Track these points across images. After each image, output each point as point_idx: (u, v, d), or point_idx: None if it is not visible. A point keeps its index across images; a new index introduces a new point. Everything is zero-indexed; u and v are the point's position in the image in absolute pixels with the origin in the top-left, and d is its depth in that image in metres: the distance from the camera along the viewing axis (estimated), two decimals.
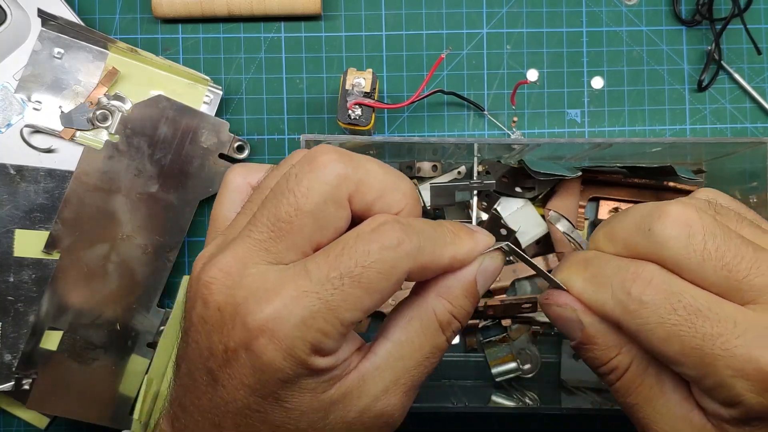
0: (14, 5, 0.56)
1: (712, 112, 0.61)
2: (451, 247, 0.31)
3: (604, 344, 0.31)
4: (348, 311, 0.28)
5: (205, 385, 0.30)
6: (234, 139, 0.58)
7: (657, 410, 0.31)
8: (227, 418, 0.30)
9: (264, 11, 0.58)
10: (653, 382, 0.31)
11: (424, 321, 0.32)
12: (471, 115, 0.61)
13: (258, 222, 0.30)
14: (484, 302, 0.57)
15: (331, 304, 0.28)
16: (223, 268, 0.29)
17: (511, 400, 0.56)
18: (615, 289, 0.29)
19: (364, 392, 0.31)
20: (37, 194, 0.56)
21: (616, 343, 0.31)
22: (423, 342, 0.32)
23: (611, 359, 0.31)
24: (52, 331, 0.56)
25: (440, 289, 0.32)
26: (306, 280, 0.28)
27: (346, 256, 0.28)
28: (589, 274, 0.31)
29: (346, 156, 0.30)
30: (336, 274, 0.28)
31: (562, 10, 0.61)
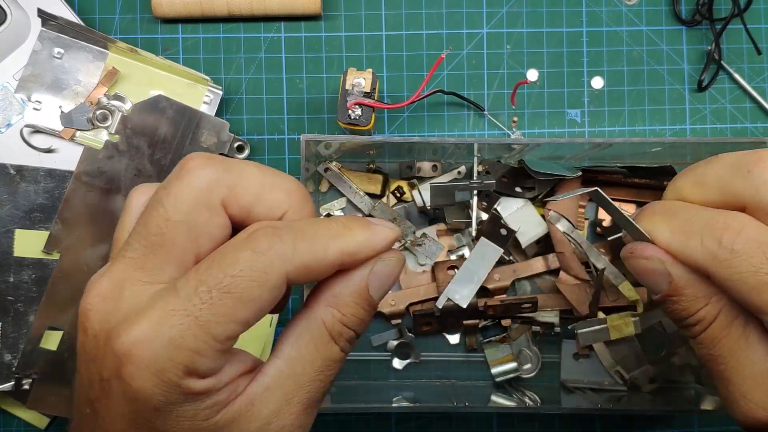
0: (14, 5, 0.56)
1: (712, 112, 0.61)
2: (337, 241, 0.29)
3: (692, 295, 0.31)
4: (220, 325, 0.26)
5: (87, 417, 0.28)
6: (234, 139, 0.58)
7: (740, 363, 0.31)
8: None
9: (264, 11, 0.58)
10: (739, 333, 0.31)
11: (313, 333, 0.30)
12: (471, 115, 0.61)
13: (131, 239, 0.28)
14: (484, 302, 0.57)
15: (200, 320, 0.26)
16: (99, 293, 0.28)
17: (511, 400, 0.56)
18: (705, 238, 0.29)
19: (254, 416, 0.29)
20: (37, 194, 0.56)
21: (704, 294, 0.31)
22: (314, 356, 0.30)
23: (699, 310, 0.31)
24: (52, 331, 0.56)
25: (329, 298, 0.30)
26: (174, 298, 0.26)
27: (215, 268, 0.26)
28: (676, 224, 0.31)
29: (216, 160, 0.29)
30: (204, 287, 0.26)
31: (562, 10, 0.61)
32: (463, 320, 0.58)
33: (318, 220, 0.30)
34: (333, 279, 0.30)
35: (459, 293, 0.55)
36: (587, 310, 0.57)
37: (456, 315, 0.57)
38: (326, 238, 0.28)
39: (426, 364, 0.60)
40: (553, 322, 0.58)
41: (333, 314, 0.30)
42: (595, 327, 0.55)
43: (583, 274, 0.57)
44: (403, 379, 0.60)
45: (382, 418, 0.60)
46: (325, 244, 0.28)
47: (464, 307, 0.55)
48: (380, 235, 0.30)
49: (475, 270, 0.56)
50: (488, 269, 0.56)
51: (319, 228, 0.29)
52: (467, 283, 0.55)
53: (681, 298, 0.31)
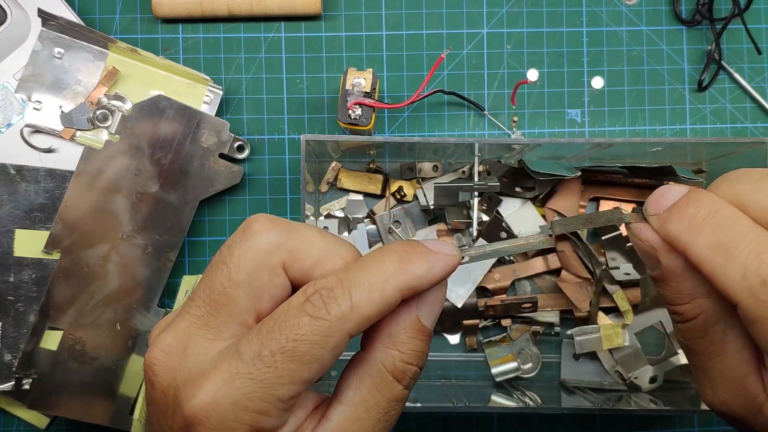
0: (14, 5, 0.56)
1: (712, 112, 0.61)
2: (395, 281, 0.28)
3: (677, 289, 0.30)
4: (284, 386, 0.27)
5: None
6: (234, 139, 0.58)
7: (713, 365, 0.31)
8: None
9: (264, 11, 0.58)
10: (717, 338, 0.30)
11: (375, 378, 0.30)
12: (471, 115, 0.61)
13: (195, 296, 0.30)
14: (485, 302, 0.57)
15: (265, 383, 0.27)
16: (164, 348, 0.29)
17: (511, 400, 0.56)
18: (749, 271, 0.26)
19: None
20: (37, 194, 0.56)
21: (689, 293, 0.30)
22: (378, 399, 0.30)
23: (679, 305, 0.31)
24: (52, 331, 0.56)
25: (384, 339, 0.30)
26: (237, 361, 0.27)
27: (276, 332, 0.27)
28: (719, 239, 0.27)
29: (280, 224, 0.30)
30: (267, 351, 0.27)
31: (562, 10, 0.61)
32: (463, 320, 0.58)
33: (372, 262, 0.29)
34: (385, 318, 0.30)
35: (455, 292, 0.55)
36: (587, 308, 0.57)
37: (456, 315, 0.57)
38: (382, 281, 0.28)
39: (426, 364, 0.60)
40: (554, 322, 0.58)
41: (393, 356, 0.30)
42: (591, 335, 0.56)
43: (584, 273, 0.57)
44: None
45: None
46: (382, 290, 0.28)
47: (459, 306, 0.55)
48: (439, 265, 0.30)
49: (472, 270, 0.56)
50: (485, 270, 0.56)
51: (373, 273, 0.28)
52: (463, 283, 0.56)
53: (666, 287, 0.31)
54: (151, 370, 0.29)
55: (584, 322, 0.57)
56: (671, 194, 0.30)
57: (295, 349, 0.27)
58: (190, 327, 0.29)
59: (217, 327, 0.29)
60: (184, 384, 0.28)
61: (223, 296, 0.29)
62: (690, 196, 0.29)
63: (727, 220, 0.28)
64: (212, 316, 0.29)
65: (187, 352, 0.29)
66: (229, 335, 0.29)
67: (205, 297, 0.29)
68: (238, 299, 0.29)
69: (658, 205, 0.30)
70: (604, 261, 0.57)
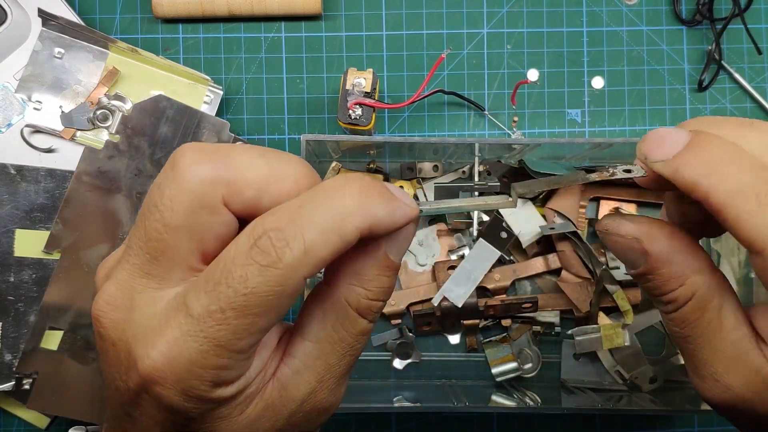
0: (14, 5, 0.56)
1: (712, 112, 0.61)
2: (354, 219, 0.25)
3: (668, 275, 0.29)
4: (242, 341, 0.25)
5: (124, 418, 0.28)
6: (234, 138, 0.58)
7: (712, 346, 0.29)
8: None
9: (264, 11, 0.58)
10: (713, 317, 0.29)
11: (339, 314, 0.28)
12: (471, 115, 0.61)
13: (132, 245, 0.27)
14: (485, 302, 0.57)
15: (219, 339, 0.25)
16: (108, 300, 0.28)
17: (511, 400, 0.56)
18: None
19: (287, 400, 0.28)
20: (38, 194, 0.56)
21: (680, 275, 0.29)
22: (343, 335, 0.28)
23: (672, 290, 0.29)
24: (52, 331, 0.56)
25: (349, 276, 0.28)
26: (187, 318, 0.25)
27: (223, 285, 0.25)
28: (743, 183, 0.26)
29: (210, 153, 0.26)
30: (216, 307, 0.25)
31: (562, 10, 0.61)
32: (463, 320, 0.58)
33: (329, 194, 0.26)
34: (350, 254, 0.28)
35: (455, 292, 0.55)
36: (588, 308, 0.57)
37: (456, 315, 0.57)
38: (340, 219, 0.25)
39: (426, 364, 0.60)
40: (554, 322, 0.58)
41: (357, 292, 0.28)
42: (591, 335, 0.56)
43: (584, 273, 0.57)
44: (403, 379, 0.60)
45: (382, 418, 0.60)
46: (340, 230, 0.25)
47: (459, 306, 0.55)
48: (400, 213, 0.27)
49: (472, 270, 0.56)
50: (485, 270, 0.56)
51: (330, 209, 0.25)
52: (463, 283, 0.56)
53: (656, 277, 0.29)
54: (99, 322, 0.27)
55: (584, 322, 0.57)
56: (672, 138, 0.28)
57: (247, 303, 0.24)
58: (132, 277, 0.27)
59: (160, 275, 0.27)
60: (135, 340, 0.26)
61: (160, 243, 0.26)
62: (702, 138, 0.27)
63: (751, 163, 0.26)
64: (153, 264, 0.27)
65: (133, 304, 0.27)
66: (175, 281, 0.27)
67: (142, 245, 0.27)
68: (178, 244, 0.26)
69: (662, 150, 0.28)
70: (604, 261, 0.57)
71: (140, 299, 0.27)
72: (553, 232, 0.56)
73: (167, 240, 0.26)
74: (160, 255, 0.27)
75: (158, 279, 0.27)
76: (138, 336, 0.26)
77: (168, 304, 0.26)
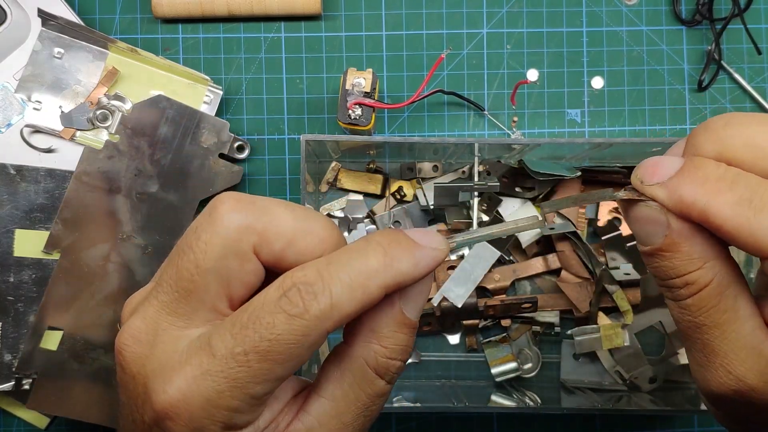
0: (14, 5, 0.56)
1: (712, 112, 0.61)
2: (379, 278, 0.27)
3: (688, 254, 0.28)
4: (259, 385, 0.26)
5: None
6: (234, 139, 0.58)
7: (726, 336, 0.28)
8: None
9: (264, 11, 0.58)
10: (729, 305, 0.28)
11: (356, 374, 0.29)
12: (471, 115, 0.61)
13: (163, 282, 0.28)
14: (485, 302, 0.57)
15: (238, 381, 0.26)
16: (133, 334, 0.28)
17: (511, 400, 0.56)
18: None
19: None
20: (37, 194, 0.56)
21: (701, 256, 0.28)
22: (359, 395, 0.29)
23: (691, 272, 0.28)
24: (52, 331, 0.56)
25: (366, 334, 0.29)
26: (209, 357, 0.26)
27: (250, 329, 0.26)
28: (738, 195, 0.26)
29: (246, 203, 0.28)
30: (240, 350, 0.26)
31: (562, 10, 0.61)
32: (463, 320, 0.58)
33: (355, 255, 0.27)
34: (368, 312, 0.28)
35: (454, 292, 0.55)
36: (588, 308, 0.57)
37: (456, 315, 0.57)
38: (365, 278, 0.27)
39: (426, 364, 0.60)
40: (553, 322, 0.58)
41: (375, 350, 0.29)
42: (591, 335, 0.56)
43: (584, 273, 0.57)
44: (403, 379, 0.60)
45: (382, 418, 0.60)
46: (365, 287, 0.26)
47: (459, 306, 0.55)
48: (425, 261, 0.28)
49: (472, 270, 0.56)
50: (485, 270, 0.56)
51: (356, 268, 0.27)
52: (463, 283, 0.56)
53: (675, 255, 0.28)
54: (121, 354, 0.28)
55: (584, 322, 0.57)
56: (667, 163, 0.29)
57: (270, 349, 0.26)
58: (159, 314, 0.28)
59: (187, 315, 0.28)
60: (154, 375, 0.27)
61: (191, 284, 0.27)
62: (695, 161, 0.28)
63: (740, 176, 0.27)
64: (181, 303, 0.28)
65: (156, 339, 0.28)
66: (200, 322, 0.28)
67: (173, 284, 0.28)
68: (208, 287, 0.27)
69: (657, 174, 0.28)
70: (604, 261, 0.57)
71: (164, 336, 0.28)
72: (553, 232, 0.56)
73: (198, 281, 0.27)
74: (190, 295, 0.28)
75: (184, 318, 0.28)
76: (157, 371, 0.27)
77: (191, 343, 0.27)
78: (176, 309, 0.28)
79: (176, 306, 0.28)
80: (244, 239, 0.27)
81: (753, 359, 0.28)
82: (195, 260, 0.27)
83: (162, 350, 0.27)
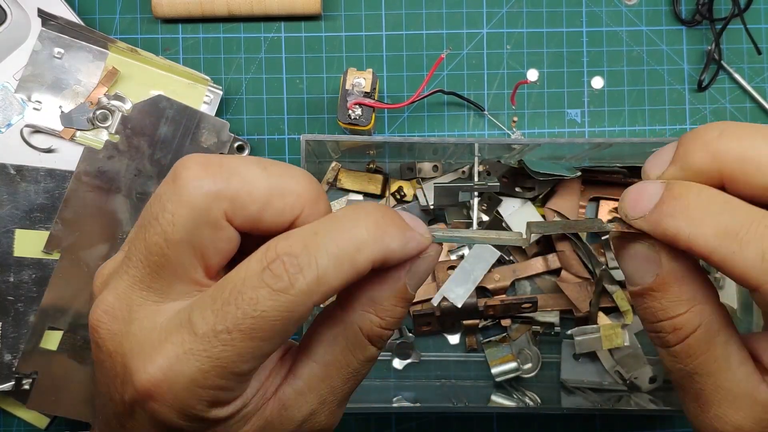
0: (14, 5, 0.56)
1: (712, 112, 0.61)
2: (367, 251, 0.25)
3: (677, 296, 0.27)
4: (244, 363, 0.25)
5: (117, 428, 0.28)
6: (234, 139, 0.58)
7: (719, 384, 0.28)
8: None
9: (264, 11, 0.58)
10: (720, 352, 0.27)
11: (350, 339, 0.28)
12: (471, 115, 0.61)
13: (132, 256, 0.27)
14: (484, 302, 0.57)
15: (222, 360, 0.24)
16: (107, 310, 0.27)
17: (511, 400, 0.56)
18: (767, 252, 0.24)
19: (287, 420, 0.28)
20: (37, 194, 0.56)
21: (689, 298, 0.27)
22: (350, 360, 0.29)
23: (680, 315, 0.27)
24: (52, 331, 0.56)
25: (364, 303, 0.28)
26: (191, 335, 0.25)
27: (232, 305, 0.24)
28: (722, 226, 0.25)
29: (213, 166, 0.26)
30: (222, 327, 0.24)
31: (562, 10, 0.61)
32: (463, 320, 0.58)
33: (345, 224, 0.26)
34: (367, 280, 0.28)
35: (454, 292, 0.55)
36: (587, 308, 0.57)
37: (456, 315, 0.57)
38: (354, 250, 0.25)
39: (426, 364, 0.60)
40: (553, 322, 0.58)
41: (371, 320, 0.28)
42: (591, 335, 0.56)
43: (584, 273, 0.57)
44: (403, 379, 0.60)
45: (382, 418, 0.60)
46: (353, 260, 0.25)
47: (459, 306, 0.55)
48: (413, 244, 0.27)
49: (472, 270, 0.56)
50: (484, 270, 0.56)
51: (345, 239, 0.25)
52: (463, 283, 0.56)
53: (665, 295, 0.27)
54: (96, 332, 0.27)
55: (584, 322, 0.57)
56: (649, 191, 0.27)
57: (254, 326, 0.24)
58: (132, 288, 0.26)
59: (161, 289, 0.26)
60: (132, 354, 0.26)
61: (161, 258, 0.26)
62: (675, 188, 0.27)
63: (726, 204, 0.26)
64: (153, 278, 0.26)
65: (132, 315, 0.26)
66: (176, 295, 0.26)
67: (142, 258, 0.26)
68: (180, 259, 0.26)
69: (639, 206, 0.27)
70: (604, 261, 0.57)
71: (139, 312, 0.26)
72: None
73: (169, 255, 0.26)
74: (162, 269, 0.26)
75: (159, 292, 0.26)
76: (135, 349, 0.26)
77: (170, 320, 0.26)
78: (150, 284, 0.26)
79: (149, 281, 0.26)
80: (214, 207, 0.25)
81: (748, 407, 0.28)
82: (163, 233, 0.25)
83: (139, 327, 0.26)
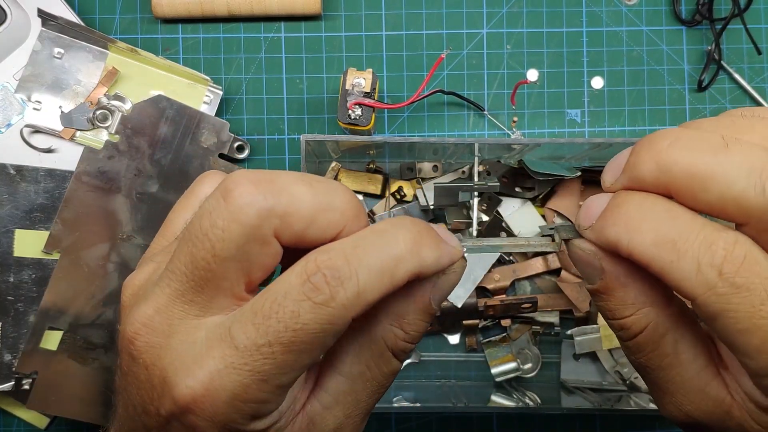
0: (14, 5, 0.56)
1: (712, 112, 0.61)
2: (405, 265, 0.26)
3: (621, 300, 0.28)
4: (285, 375, 0.25)
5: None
6: (234, 139, 0.58)
7: (670, 378, 0.29)
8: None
9: (264, 11, 0.58)
10: (669, 350, 0.28)
11: (374, 352, 0.29)
12: (471, 115, 0.61)
13: (176, 269, 0.27)
14: (484, 302, 0.57)
15: (264, 374, 0.25)
16: (146, 323, 0.27)
17: (511, 400, 0.56)
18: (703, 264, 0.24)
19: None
20: (37, 194, 0.56)
21: (633, 302, 0.28)
22: (375, 373, 0.29)
23: (625, 318, 0.28)
24: (52, 331, 0.56)
25: (390, 317, 0.29)
26: (232, 350, 0.25)
27: (273, 319, 0.25)
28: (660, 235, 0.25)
29: (264, 184, 0.26)
30: (264, 341, 0.25)
31: (562, 10, 0.61)
32: (463, 320, 0.58)
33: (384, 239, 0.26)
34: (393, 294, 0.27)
35: (455, 292, 0.55)
36: (587, 308, 0.57)
37: (456, 315, 0.57)
38: (393, 264, 0.26)
39: (426, 364, 0.60)
40: (553, 322, 0.58)
41: (396, 333, 0.29)
42: (591, 335, 0.56)
43: None
44: (403, 379, 0.60)
45: (382, 418, 0.60)
46: (392, 274, 0.26)
47: (459, 306, 0.55)
48: (446, 257, 0.28)
49: (472, 270, 0.56)
50: (485, 270, 0.56)
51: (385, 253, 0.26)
52: (463, 283, 0.56)
53: (609, 298, 0.28)
54: (132, 344, 0.27)
55: (584, 322, 0.57)
56: (598, 202, 0.28)
57: (295, 339, 0.25)
58: (173, 302, 0.27)
59: (203, 303, 0.27)
60: (173, 367, 0.26)
61: (208, 272, 0.26)
62: (618, 198, 0.27)
63: (666, 213, 0.25)
64: (196, 292, 0.27)
65: (171, 329, 0.26)
66: (217, 309, 0.27)
67: (188, 272, 0.26)
68: (226, 274, 0.26)
69: (588, 217, 0.28)
70: None
71: (180, 325, 0.27)
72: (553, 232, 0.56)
73: (215, 270, 0.26)
74: (207, 284, 0.26)
75: (200, 306, 0.27)
76: (176, 363, 0.26)
77: (210, 334, 0.26)
78: (192, 298, 0.27)
79: (192, 295, 0.27)
80: (265, 225, 0.26)
81: (699, 400, 0.28)
82: (212, 249, 0.26)
83: (179, 341, 0.26)
